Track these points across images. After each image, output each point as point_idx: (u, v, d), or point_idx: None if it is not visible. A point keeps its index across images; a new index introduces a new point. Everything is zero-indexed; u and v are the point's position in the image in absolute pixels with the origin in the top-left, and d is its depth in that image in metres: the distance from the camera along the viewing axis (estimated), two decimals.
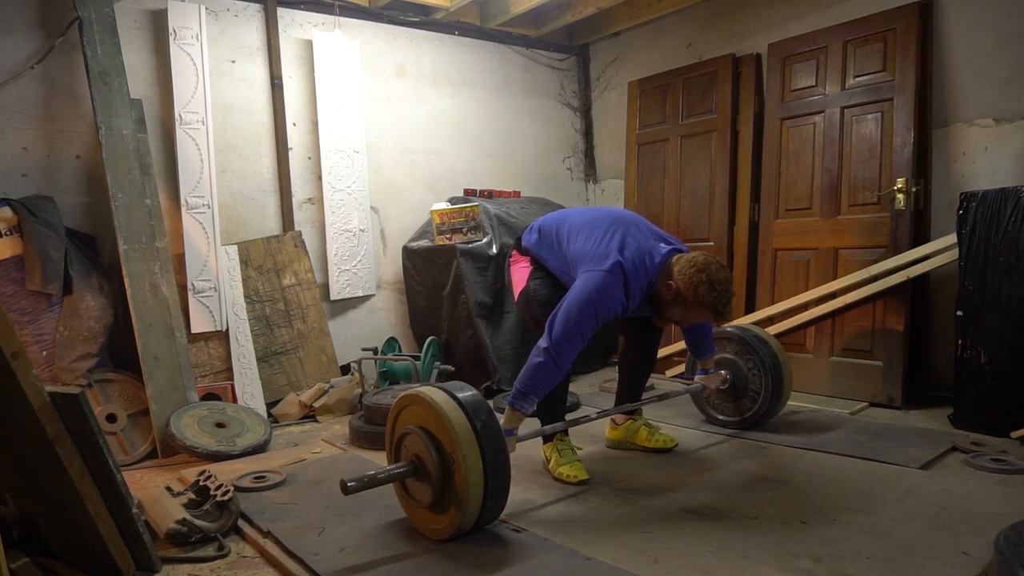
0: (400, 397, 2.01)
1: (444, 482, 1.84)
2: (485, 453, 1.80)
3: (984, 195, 2.79)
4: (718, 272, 2.16)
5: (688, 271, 2.17)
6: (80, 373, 2.86)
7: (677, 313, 2.27)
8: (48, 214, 2.90)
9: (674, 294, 2.21)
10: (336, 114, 3.85)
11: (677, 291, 2.20)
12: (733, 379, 2.83)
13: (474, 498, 1.79)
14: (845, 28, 3.44)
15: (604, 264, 2.19)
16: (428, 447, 1.85)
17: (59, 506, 1.69)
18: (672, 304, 2.24)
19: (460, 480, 1.79)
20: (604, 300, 2.16)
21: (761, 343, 2.79)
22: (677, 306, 2.24)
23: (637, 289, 2.23)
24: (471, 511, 1.81)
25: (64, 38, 3.07)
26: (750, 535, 1.87)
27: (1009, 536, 1.53)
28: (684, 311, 2.24)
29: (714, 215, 4.00)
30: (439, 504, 1.87)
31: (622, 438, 2.74)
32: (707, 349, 2.72)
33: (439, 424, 1.84)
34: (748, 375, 2.81)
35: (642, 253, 2.25)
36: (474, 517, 1.83)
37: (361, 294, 4.02)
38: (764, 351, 2.76)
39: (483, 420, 1.84)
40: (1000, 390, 2.71)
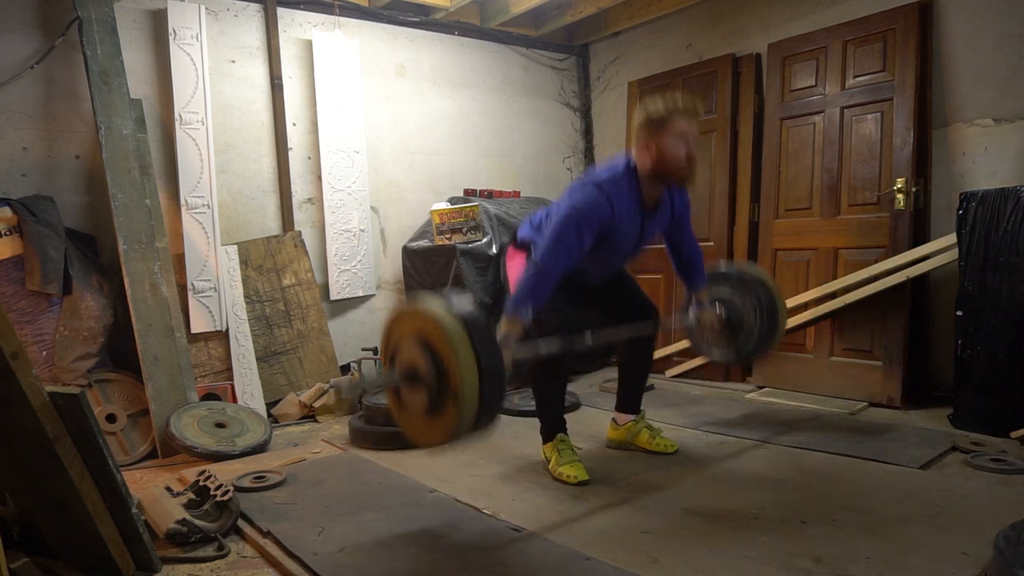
0: (394, 311, 1.99)
1: (439, 384, 1.79)
2: (479, 352, 1.76)
3: (984, 195, 2.79)
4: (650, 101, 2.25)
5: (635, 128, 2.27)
6: (80, 373, 2.86)
7: (671, 156, 2.22)
8: (48, 214, 2.90)
9: (647, 149, 2.23)
10: (336, 114, 3.85)
11: (645, 143, 2.23)
12: (729, 317, 2.80)
13: (469, 399, 1.75)
14: (845, 28, 3.44)
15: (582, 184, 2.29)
16: (422, 352, 1.82)
17: (59, 506, 1.69)
18: (659, 154, 2.22)
19: (455, 380, 1.75)
20: (584, 209, 2.20)
21: (757, 281, 2.79)
22: (661, 150, 2.22)
23: (619, 195, 2.25)
24: (467, 411, 1.77)
25: (64, 38, 3.07)
26: (750, 535, 1.87)
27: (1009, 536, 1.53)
28: (668, 146, 2.21)
29: (714, 215, 4.00)
30: (435, 407, 1.83)
31: (623, 439, 2.74)
32: (699, 278, 2.72)
33: (432, 328, 1.80)
34: (743, 313, 2.78)
35: (612, 171, 2.31)
36: (471, 417, 1.79)
37: (361, 294, 4.02)
38: (760, 289, 2.76)
39: (476, 324, 1.80)
40: (1000, 390, 2.71)
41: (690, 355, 3.99)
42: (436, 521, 2.03)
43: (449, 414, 1.79)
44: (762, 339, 2.74)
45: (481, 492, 2.27)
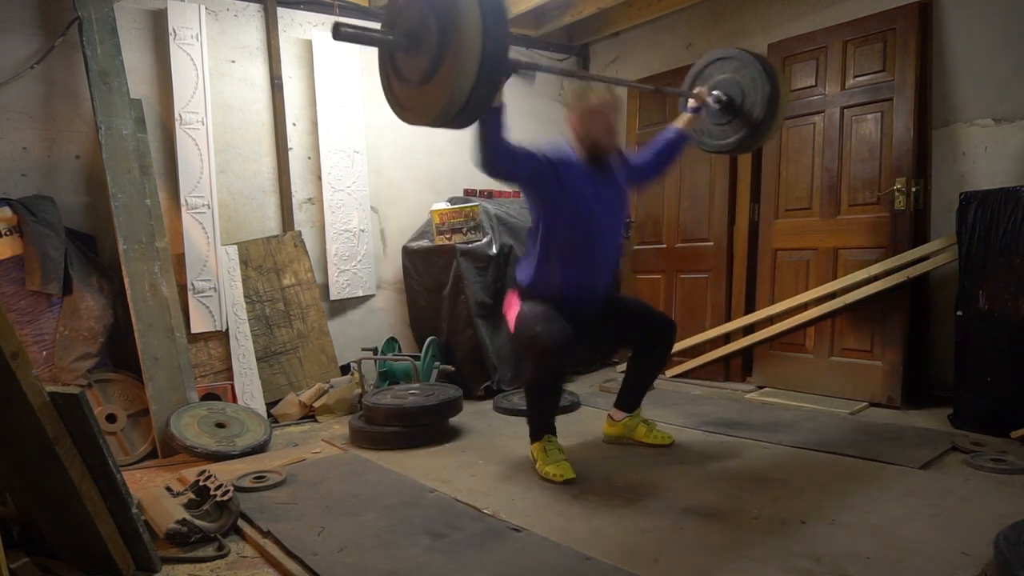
0: None
1: (440, 46, 1.77)
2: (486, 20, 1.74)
3: (984, 195, 2.79)
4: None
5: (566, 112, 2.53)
6: (80, 373, 2.86)
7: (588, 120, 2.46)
8: (48, 214, 2.90)
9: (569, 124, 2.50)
10: (336, 114, 3.85)
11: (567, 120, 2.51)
12: (730, 96, 2.81)
13: (469, 65, 1.73)
14: (845, 28, 3.44)
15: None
16: (428, 13, 1.79)
17: (59, 506, 1.69)
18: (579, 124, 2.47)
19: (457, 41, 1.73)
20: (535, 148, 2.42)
21: (756, 57, 2.81)
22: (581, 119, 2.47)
23: (558, 151, 2.48)
24: (464, 81, 1.75)
25: (64, 38, 3.07)
26: (750, 535, 1.87)
27: (1009, 536, 1.53)
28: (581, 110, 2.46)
29: (714, 215, 4.00)
30: (430, 76, 1.81)
31: (621, 434, 2.75)
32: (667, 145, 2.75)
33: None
34: (743, 86, 2.79)
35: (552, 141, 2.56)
36: (464, 94, 1.77)
37: (361, 294, 4.02)
38: (759, 61, 2.78)
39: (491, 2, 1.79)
40: (1000, 390, 2.71)
41: (690, 355, 3.99)
42: (436, 521, 2.03)
43: (444, 81, 1.78)
44: (770, 104, 2.73)
45: (481, 492, 2.27)
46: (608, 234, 2.56)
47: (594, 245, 2.51)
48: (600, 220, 2.49)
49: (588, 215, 2.46)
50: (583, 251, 2.49)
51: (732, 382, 3.85)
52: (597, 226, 2.49)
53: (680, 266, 4.16)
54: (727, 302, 3.93)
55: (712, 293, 3.99)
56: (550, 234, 2.46)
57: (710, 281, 4.01)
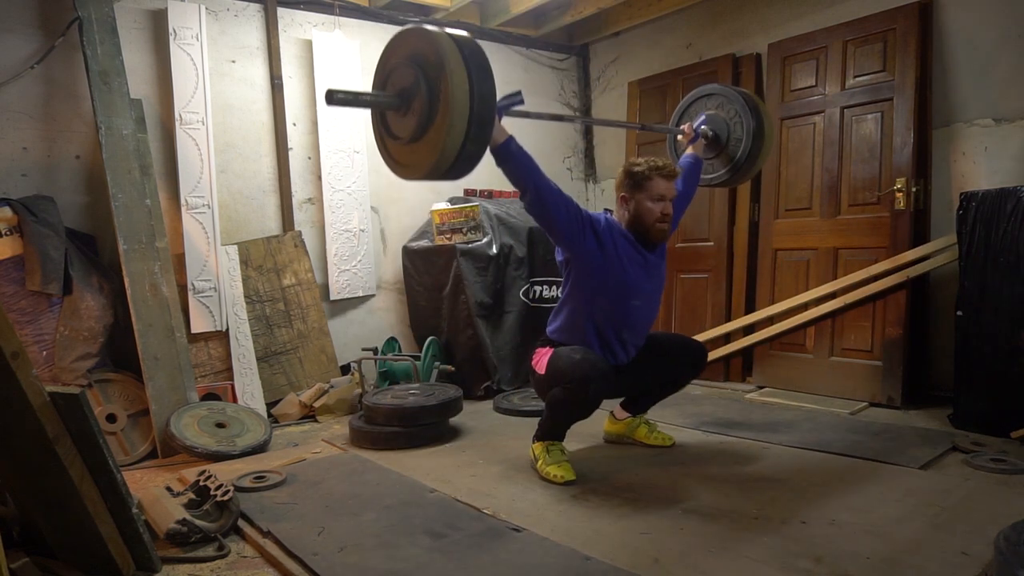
0: (396, 34, 2.01)
1: (430, 106, 1.83)
2: (473, 78, 1.80)
3: (984, 195, 2.79)
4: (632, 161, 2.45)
5: (617, 183, 2.47)
6: (80, 373, 2.86)
7: (646, 213, 2.39)
8: (48, 214, 2.90)
9: (626, 204, 2.42)
10: (336, 114, 3.85)
11: (624, 199, 2.42)
12: (715, 132, 2.82)
13: (458, 124, 1.79)
14: (845, 28, 3.45)
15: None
16: (417, 72, 1.85)
17: (59, 506, 1.69)
18: (636, 211, 2.40)
19: (446, 98, 1.78)
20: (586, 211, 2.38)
21: (738, 92, 2.83)
22: (638, 207, 2.39)
23: (604, 227, 2.39)
24: (454, 137, 1.80)
25: (64, 38, 3.07)
26: (750, 535, 1.87)
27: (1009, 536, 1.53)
28: (645, 195, 2.38)
29: (714, 215, 4.00)
30: (420, 135, 1.87)
31: (621, 433, 2.76)
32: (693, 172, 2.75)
33: (433, 53, 1.82)
34: (730, 123, 2.81)
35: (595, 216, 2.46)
36: (454, 152, 1.83)
37: (361, 294, 4.02)
38: (742, 96, 2.80)
39: (474, 53, 1.85)
40: (1000, 390, 2.71)
41: None
42: (436, 521, 2.03)
43: (434, 140, 1.83)
44: (754, 140, 2.75)
45: (481, 492, 2.27)
46: (646, 308, 2.50)
47: (632, 317, 2.45)
48: (641, 291, 2.43)
49: (629, 286, 2.40)
50: (620, 318, 2.43)
51: (732, 382, 3.85)
52: (637, 296, 2.42)
53: (680, 266, 4.16)
54: (727, 302, 3.93)
55: (712, 293, 3.99)
56: (586, 295, 2.40)
57: (710, 281, 4.01)
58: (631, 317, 2.45)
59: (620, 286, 2.39)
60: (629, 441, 2.74)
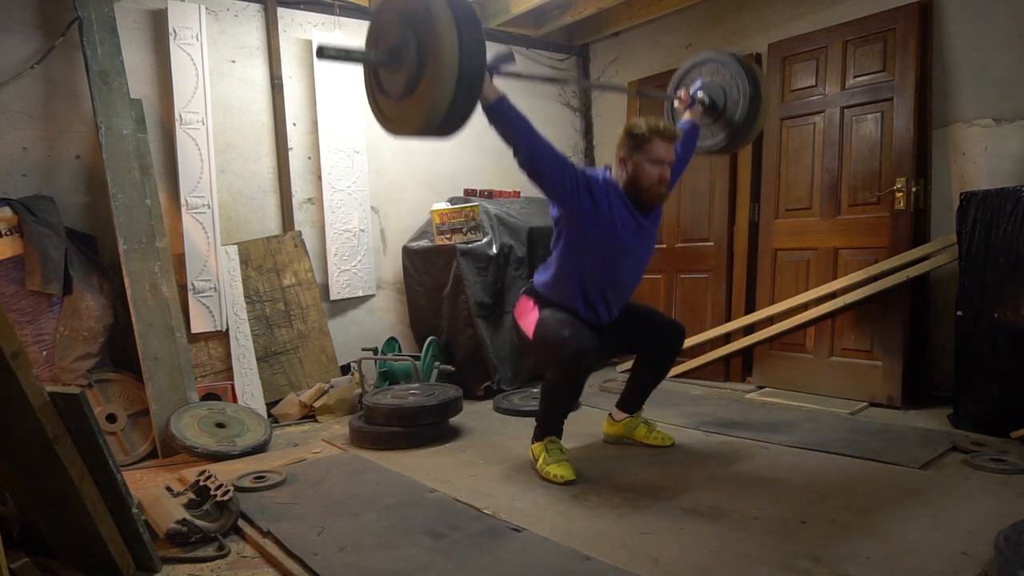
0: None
1: (419, 62, 1.85)
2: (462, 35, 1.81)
3: (984, 195, 2.79)
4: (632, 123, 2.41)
5: (617, 143, 2.43)
6: (80, 373, 2.86)
7: (645, 176, 2.37)
8: (48, 214, 2.90)
9: (624, 165, 2.40)
10: (336, 114, 3.85)
11: (623, 159, 2.40)
12: (712, 98, 2.82)
13: (447, 80, 1.81)
14: (845, 28, 3.44)
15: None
16: (406, 30, 1.86)
17: (59, 506, 1.69)
18: (634, 172, 2.38)
19: (434, 56, 1.81)
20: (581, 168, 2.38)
21: (730, 56, 2.84)
22: (636, 169, 2.38)
23: (600, 187, 2.37)
24: (441, 97, 1.82)
25: (64, 38, 3.07)
26: (750, 535, 1.87)
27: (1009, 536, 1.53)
28: (644, 158, 2.36)
29: (714, 215, 4.00)
30: (411, 90, 1.89)
31: (621, 433, 2.76)
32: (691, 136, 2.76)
33: (421, 7, 1.84)
34: (726, 88, 2.80)
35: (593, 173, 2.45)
36: (444, 105, 1.84)
37: (361, 294, 4.02)
38: (737, 62, 2.80)
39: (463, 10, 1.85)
40: (1000, 390, 2.71)
41: (690, 355, 3.99)
42: (436, 521, 2.03)
43: (424, 94, 1.86)
44: (751, 103, 2.74)
45: (481, 492, 2.27)
46: (633, 270, 2.53)
47: (618, 277, 2.48)
48: (631, 254, 2.45)
49: (620, 248, 2.41)
50: (607, 279, 2.46)
51: (732, 382, 3.85)
52: (627, 258, 2.45)
53: (680, 266, 4.16)
54: (727, 302, 3.93)
55: (712, 293, 3.99)
56: (576, 253, 2.42)
57: (710, 281, 4.01)
58: (618, 278, 2.48)
59: (611, 247, 2.40)
60: (629, 441, 2.75)
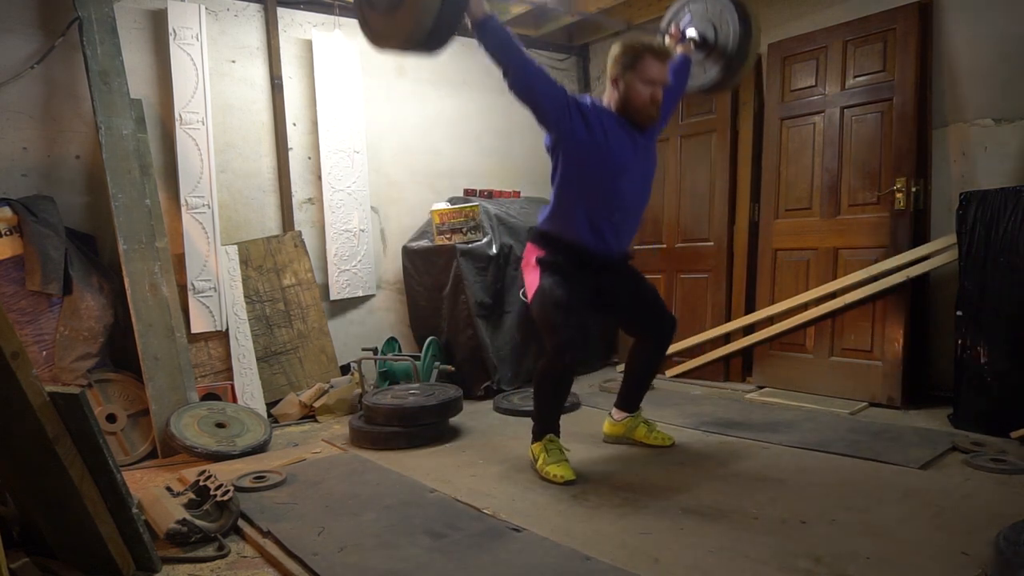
0: None
1: None
2: None
3: (984, 195, 2.79)
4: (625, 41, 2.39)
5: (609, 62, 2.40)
6: (80, 373, 2.86)
7: (636, 96, 2.35)
8: (48, 214, 2.90)
9: (615, 84, 2.38)
10: (336, 114, 3.85)
11: (615, 78, 2.37)
12: (702, 33, 2.79)
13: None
14: (845, 28, 3.44)
15: None
16: None
17: (59, 506, 1.69)
18: (625, 92, 2.36)
19: None
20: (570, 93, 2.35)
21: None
22: (628, 89, 2.35)
23: (592, 108, 2.36)
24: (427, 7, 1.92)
25: (64, 38, 3.07)
26: (750, 535, 1.87)
27: (1009, 536, 1.53)
28: (636, 76, 2.33)
29: (714, 215, 4.00)
30: (398, 3, 1.98)
31: (621, 433, 2.76)
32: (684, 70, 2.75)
33: None
34: (717, 22, 2.76)
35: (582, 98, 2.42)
36: (431, 15, 1.92)
37: (361, 294, 4.02)
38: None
39: None
40: (1000, 390, 2.71)
41: (690, 355, 3.99)
42: (436, 521, 2.03)
43: (411, 6, 1.94)
44: (742, 36, 2.70)
45: (481, 492, 2.27)
46: (637, 190, 2.47)
47: (622, 198, 2.41)
48: (630, 171, 2.40)
49: (618, 166, 2.36)
50: (610, 200, 2.40)
51: (732, 382, 3.85)
52: (627, 180, 2.39)
53: (680, 266, 4.16)
54: (727, 302, 3.93)
55: (712, 293, 3.99)
56: (575, 180, 2.36)
57: (710, 281, 4.01)
58: (622, 198, 2.41)
59: (609, 166, 2.35)
60: (628, 441, 2.75)
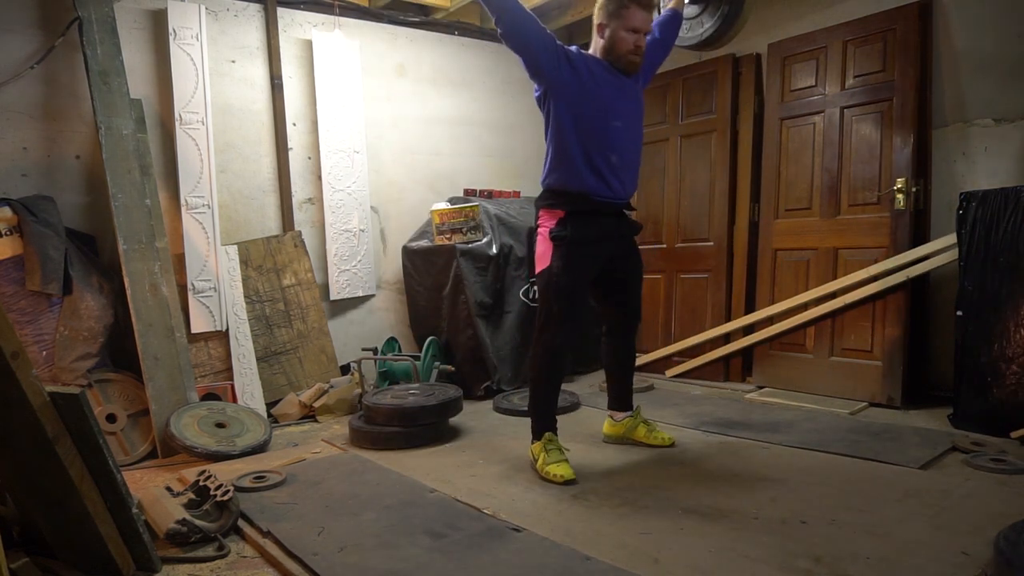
0: None
1: None
2: None
3: (984, 195, 2.79)
4: None
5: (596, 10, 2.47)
6: (80, 373, 2.86)
7: (620, 43, 2.41)
8: (48, 214, 2.90)
9: (600, 31, 2.45)
10: (336, 114, 3.85)
11: (600, 25, 2.44)
12: None
13: None
14: (845, 28, 3.44)
15: None
16: None
17: (59, 506, 1.69)
18: (610, 39, 2.42)
19: None
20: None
21: None
22: (613, 36, 2.42)
23: (578, 55, 2.42)
24: None
25: (64, 38, 3.07)
26: (750, 535, 1.87)
27: (1009, 536, 1.53)
28: (620, 24, 2.39)
29: (714, 215, 4.00)
30: None
31: (621, 434, 2.76)
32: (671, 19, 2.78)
33: None
34: None
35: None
36: None
37: (361, 294, 4.02)
38: None
39: None
40: (1000, 390, 2.71)
41: (690, 355, 3.99)
42: (436, 521, 2.03)
43: None
44: None
45: (481, 492, 2.27)
46: (629, 133, 2.52)
47: (616, 139, 2.46)
48: (620, 115, 2.45)
49: (608, 109, 2.42)
50: (605, 143, 2.44)
51: (732, 382, 3.85)
52: (618, 121, 2.45)
53: (680, 266, 4.16)
54: (727, 302, 3.93)
55: (712, 293, 3.99)
56: (568, 126, 2.40)
57: (710, 281, 4.01)
58: (614, 139, 2.45)
59: (598, 107, 2.40)
60: (629, 442, 2.75)
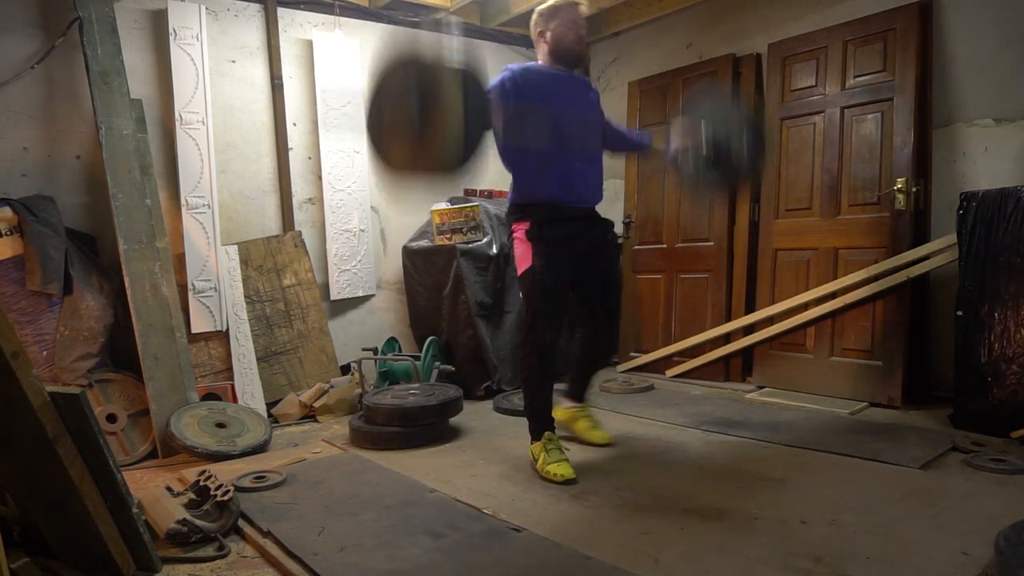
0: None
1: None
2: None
3: (984, 195, 2.79)
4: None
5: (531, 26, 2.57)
6: (80, 373, 2.86)
7: (562, 30, 2.50)
8: (48, 214, 2.90)
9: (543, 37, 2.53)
10: (336, 114, 3.85)
11: (541, 32, 2.53)
12: (715, 139, 2.55)
13: None
14: (845, 28, 3.44)
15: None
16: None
17: (59, 506, 1.69)
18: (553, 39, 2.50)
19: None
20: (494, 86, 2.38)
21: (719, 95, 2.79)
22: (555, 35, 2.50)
23: (522, 67, 2.46)
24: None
25: (64, 38, 3.07)
26: (750, 535, 1.87)
27: (1009, 536, 1.53)
28: (559, 23, 2.50)
29: (714, 215, 4.00)
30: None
31: (563, 421, 2.75)
32: (641, 136, 2.83)
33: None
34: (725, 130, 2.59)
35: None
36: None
37: (361, 294, 4.02)
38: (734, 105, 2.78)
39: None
40: (1000, 390, 2.71)
41: (690, 355, 3.99)
42: (436, 521, 2.03)
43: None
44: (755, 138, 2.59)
45: (481, 492, 2.27)
46: (584, 129, 2.53)
47: (570, 134, 2.48)
48: (568, 105, 2.49)
49: (555, 108, 2.44)
50: (562, 142, 2.46)
51: (732, 382, 3.85)
52: (567, 110, 2.48)
53: (680, 266, 4.16)
54: (727, 302, 3.93)
55: (712, 293, 3.99)
56: (520, 137, 2.42)
57: (710, 281, 4.01)
58: (571, 138, 2.48)
59: (538, 98, 2.41)
60: (567, 433, 2.74)
